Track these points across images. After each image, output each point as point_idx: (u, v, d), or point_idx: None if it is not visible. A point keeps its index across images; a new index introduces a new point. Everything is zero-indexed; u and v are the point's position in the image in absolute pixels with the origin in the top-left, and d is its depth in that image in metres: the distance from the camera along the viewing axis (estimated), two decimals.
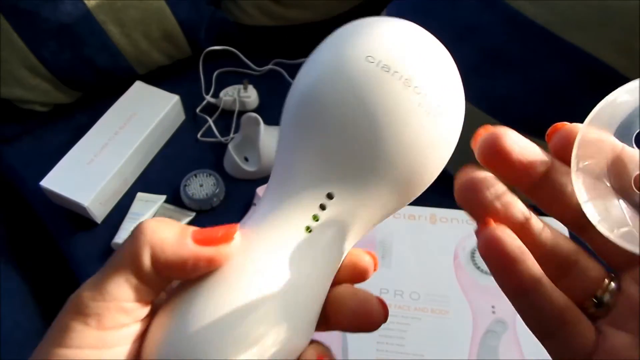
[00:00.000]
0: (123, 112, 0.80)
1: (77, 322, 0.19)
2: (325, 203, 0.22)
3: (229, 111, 0.86)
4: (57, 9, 0.77)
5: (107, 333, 0.20)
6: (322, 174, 0.22)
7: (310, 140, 0.22)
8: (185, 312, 0.20)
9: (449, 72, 0.23)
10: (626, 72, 0.60)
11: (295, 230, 0.22)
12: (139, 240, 0.20)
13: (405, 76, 0.21)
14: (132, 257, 0.20)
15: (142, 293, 0.20)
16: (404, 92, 0.21)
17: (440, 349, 0.55)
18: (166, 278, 0.21)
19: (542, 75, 0.65)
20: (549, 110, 0.68)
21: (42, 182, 0.72)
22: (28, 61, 0.80)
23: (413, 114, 0.21)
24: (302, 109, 0.23)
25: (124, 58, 0.85)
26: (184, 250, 0.20)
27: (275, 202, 0.23)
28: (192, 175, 0.77)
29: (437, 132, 0.22)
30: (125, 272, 0.20)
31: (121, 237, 0.70)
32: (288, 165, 0.23)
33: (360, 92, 0.21)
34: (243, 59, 0.90)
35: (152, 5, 0.83)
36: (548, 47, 0.63)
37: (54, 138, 0.85)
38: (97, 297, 0.20)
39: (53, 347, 0.19)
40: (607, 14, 0.59)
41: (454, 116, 0.23)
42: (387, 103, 0.21)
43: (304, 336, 0.21)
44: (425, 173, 0.23)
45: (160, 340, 0.20)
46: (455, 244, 0.62)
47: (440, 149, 0.23)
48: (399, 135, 0.21)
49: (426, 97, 0.21)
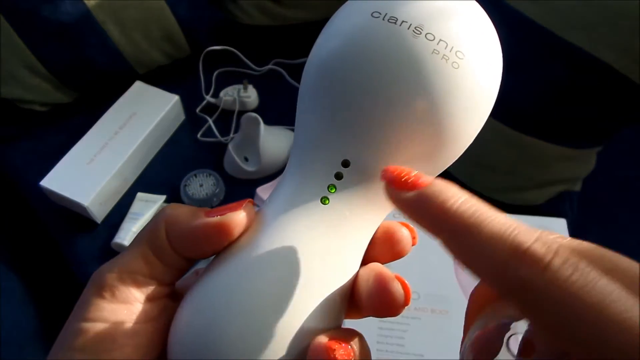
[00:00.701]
0: (123, 112, 0.80)
1: (94, 295, 0.20)
2: (341, 171, 0.21)
3: (229, 111, 0.86)
4: (57, 8, 0.77)
5: (121, 307, 0.20)
6: (332, 141, 0.21)
7: (315, 105, 0.21)
8: (200, 293, 0.20)
9: (468, 16, 0.21)
10: (626, 72, 0.60)
11: (310, 202, 0.21)
12: (157, 217, 0.22)
13: (415, 24, 0.20)
14: (150, 232, 0.21)
15: (157, 269, 0.21)
16: (414, 41, 0.19)
17: (440, 349, 0.55)
18: (181, 254, 0.21)
19: (542, 75, 0.65)
20: (549, 110, 0.68)
21: (42, 182, 0.72)
22: (28, 61, 0.80)
23: (427, 61, 0.19)
24: (311, 75, 0.22)
25: (123, 58, 0.85)
26: (195, 221, 0.21)
27: (290, 175, 0.22)
28: (192, 175, 0.77)
29: (459, 80, 0.20)
30: (142, 246, 0.21)
31: (121, 237, 0.70)
32: (299, 137, 0.22)
33: (368, 47, 0.20)
34: (243, 59, 0.90)
35: (152, 5, 0.82)
36: (548, 47, 0.63)
37: (54, 138, 0.84)
38: (113, 269, 0.20)
39: (72, 321, 0.20)
40: (607, 14, 0.59)
41: (481, 62, 0.20)
42: (397, 54, 0.19)
43: (321, 320, 0.20)
44: (452, 128, 0.20)
45: (181, 322, 0.20)
46: None
47: (467, 100, 0.20)
48: (412, 85, 0.19)
49: (441, 43, 0.20)
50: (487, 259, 0.16)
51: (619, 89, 0.62)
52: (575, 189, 0.80)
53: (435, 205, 0.17)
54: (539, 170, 0.75)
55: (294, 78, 0.91)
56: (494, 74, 0.21)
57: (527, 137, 0.70)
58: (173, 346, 0.20)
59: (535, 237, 0.16)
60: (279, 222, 0.21)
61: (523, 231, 0.16)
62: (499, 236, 0.16)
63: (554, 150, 0.71)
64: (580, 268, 0.15)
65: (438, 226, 0.17)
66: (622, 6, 0.58)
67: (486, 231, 0.16)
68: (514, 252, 0.15)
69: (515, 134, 0.70)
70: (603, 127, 0.71)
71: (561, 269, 0.15)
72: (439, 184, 0.18)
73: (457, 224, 0.17)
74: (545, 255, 0.15)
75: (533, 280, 0.15)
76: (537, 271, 0.15)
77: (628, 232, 0.84)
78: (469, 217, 0.16)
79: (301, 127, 0.22)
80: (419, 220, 0.18)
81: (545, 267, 0.15)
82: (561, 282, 0.14)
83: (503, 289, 0.16)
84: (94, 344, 0.19)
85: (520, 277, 0.15)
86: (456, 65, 0.20)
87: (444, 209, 0.17)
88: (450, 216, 0.17)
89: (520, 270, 0.15)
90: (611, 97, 0.65)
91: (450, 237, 0.17)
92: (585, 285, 0.14)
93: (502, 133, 0.70)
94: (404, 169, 0.19)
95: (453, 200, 0.17)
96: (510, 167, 0.74)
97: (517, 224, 0.16)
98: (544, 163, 0.74)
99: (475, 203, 0.17)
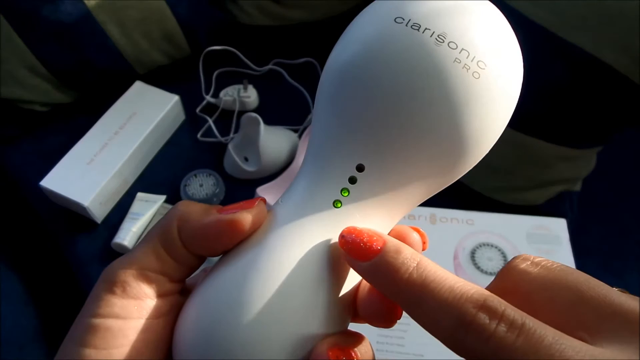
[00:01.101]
0: (123, 112, 0.80)
1: (105, 291, 0.20)
2: (356, 176, 0.21)
3: (229, 111, 0.86)
4: (57, 9, 0.77)
5: (131, 302, 0.20)
6: (348, 145, 0.21)
7: (333, 108, 0.21)
8: (207, 291, 0.20)
9: (491, 25, 0.21)
10: (626, 72, 0.60)
11: (322, 205, 0.21)
12: (170, 213, 0.22)
13: (438, 32, 0.19)
14: (162, 228, 0.21)
15: (168, 266, 0.21)
16: (437, 49, 0.19)
17: (440, 349, 0.55)
18: (193, 251, 0.21)
19: (543, 76, 0.65)
20: (549, 110, 0.68)
21: (42, 182, 0.72)
22: (28, 61, 0.80)
23: (448, 71, 0.19)
24: (330, 78, 0.22)
25: (123, 58, 0.85)
26: (207, 218, 0.21)
27: (304, 176, 0.22)
28: (192, 175, 0.77)
29: (479, 90, 0.20)
30: (154, 242, 0.21)
31: (121, 237, 0.70)
32: (315, 139, 0.22)
33: (389, 53, 0.20)
34: (243, 59, 0.90)
35: (152, 5, 0.82)
36: (548, 47, 0.63)
37: (54, 138, 0.84)
38: (124, 264, 0.21)
39: (83, 316, 0.20)
40: (607, 14, 0.59)
41: (502, 72, 0.20)
42: (418, 61, 0.19)
43: (327, 324, 0.20)
44: (469, 137, 0.20)
45: (188, 317, 0.20)
46: (455, 244, 0.62)
47: (486, 111, 0.20)
48: (432, 93, 0.19)
49: (463, 52, 0.19)
50: (438, 327, 0.17)
51: (619, 90, 0.62)
52: (576, 189, 0.80)
53: (387, 276, 0.18)
54: (539, 170, 0.75)
55: (294, 78, 0.91)
56: (514, 84, 0.21)
57: (527, 137, 0.70)
58: (178, 343, 0.20)
59: (481, 303, 0.16)
60: (289, 224, 0.21)
61: (470, 298, 0.16)
62: (446, 306, 0.16)
63: (554, 150, 0.71)
64: (526, 329, 0.15)
65: (392, 295, 0.18)
66: (622, 6, 0.58)
67: (434, 302, 0.17)
68: (459, 323, 0.16)
69: (516, 134, 0.70)
70: (603, 127, 0.71)
71: (506, 334, 0.15)
72: (389, 251, 0.18)
73: (408, 295, 0.18)
74: (490, 324, 0.16)
75: (480, 349, 0.16)
76: (482, 340, 0.15)
77: (628, 232, 0.84)
78: (419, 287, 0.17)
79: (317, 130, 0.22)
80: (377, 288, 0.19)
81: (489, 337, 0.15)
82: (507, 348, 0.15)
83: (458, 354, 0.16)
84: (105, 340, 0.19)
85: (468, 347, 0.16)
86: (477, 75, 0.20)
87: (395, 280, 0.18)
88: (401, 288, 0.18)
89: (466, 341, 0.16)
90: (611, 97, 0.65)
91: (404, 306, 0.18)
92: (532, 346, 0.15)
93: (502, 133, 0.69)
94: (358, 234, 0.19)
95: (403, 270, 0.18)
96: (510, 167, 0.74)
97: (465, 290, 0.17)
98: (544, 163, 0.74)
99: (425, 269, 0.18)
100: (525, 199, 0.77)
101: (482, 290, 0.17)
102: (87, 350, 0.19)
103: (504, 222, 0.64)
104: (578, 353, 0.15)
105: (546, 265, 0.18)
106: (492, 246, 0.62)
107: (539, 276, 0.18)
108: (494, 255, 0.61)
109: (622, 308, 0.16)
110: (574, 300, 0.17)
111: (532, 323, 0.15)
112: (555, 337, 0.15)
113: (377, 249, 0.19)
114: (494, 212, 0.65)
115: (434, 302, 0.17)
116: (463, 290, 0.16)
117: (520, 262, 0.19)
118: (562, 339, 0.15)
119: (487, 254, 0.61)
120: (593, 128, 0.70)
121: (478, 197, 0.77)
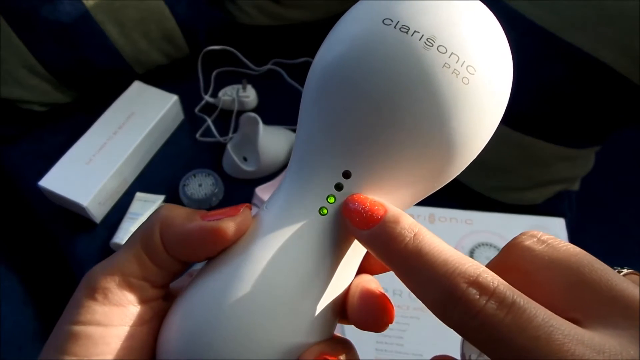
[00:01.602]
0: (122, 112, 0.79)
1: (86, 298, 0.19)
2: (342, 182, 0.20)
3: (228, 111, 0.86)
4: (55, 9, 0.77)
5: (113, 309, 0.19)
6: (334, 150, 0.20)
7: (318, 111, 0.21)
8: (191, 299, 0.20)
9: (482, 29, 0.20)
10: (626, 72, 0.60)
11: (307, 212, 0.20)
12: (152, 218, 0.21)
13: (427, 35, 0.19)
14: (143, 233, 0.21)
15: (150, 272, 0.20)
16: (426, 53, 0.19)
17: (440, 349, 0.55)
18: (175, 257, 0.21)
19: (542, 76, 0.65)
20: (548, 110, 0.68)
21: (41, 182, 0.72)
22: (27, 61, 0.80)
23: (436, 76, 0.19)
24: (315, 79, 0.21)
25: (122, 58, 0.85)
26: (190, 224, 0.20)
27: (289, 182, 0.22)
28: (191, 175, 0.77)
29: (467, 96, 0.19)
30: (136, 247, 0.20)
31: (120, 237, 0.70)
32: (300, 144, 0.22)
33: (376, 55, 0.19)
34: (242, 58, 0.90)
35: (150, 5, 0.82)
36: (547, 47, 0.63)
37: (53, 138, 0.84)
38: (106, 270, 0.20)
39: (63, 323, 0.19)
40: (607, 14, 0.59)
41: (491, 78, 0.20)
42: (406, 65, 0.19)
43: (312, 332, 0.20)
44: (457, 142, 0.20)
45: (171, 327, 0.20)
46: (454, 243, 0.62)
47: (475, 116, 0.20)
48: (419, 99, 0.19)
49: (452, 56, 0.19)
50: (429, 298, 0.17)
51: (618, 90, 0.62)
52: (574, 189, 0.80)
53: (385, 244, 0.18)
54: (537, 169, 0.75)
55: (293, 78, 0.91)
56: (504, 89, 0.21)
57: (526, 136, 0.70)
58: (161, 354, 0.20)
59: (473, 278, 0.16)
60: (274, 231, 0.20)
61: (463, 272, 0.16)
62: (438, 278, 0.16)
63: (553, 150, 0.71)
64: (517, 307, 0.15)
65: (388, 263, 0.19)
66: (621, 6, 0.58)
67: (427, 272, 0.17)
68: (449, 297, 0.16)
69: (514, 134, 0.70)
70: (602, 127, 0.71)
71: (495, 312, 0.15)
72: (389, 220, 0.19)
73: (402, 264, 0.18)
74: (480, 299, 0.16)
75: (468, 323, 0.16)
76: (471, 315, 0.15)
77: (626, 231, 0.84)
78: (413, 257, 0.17)
79: (302, 133, 0.22)
80: (375, 256, 0.19)
81: (479, 312, 0.15)
82: (496, 324, 0.15)
83: (448, 326, 0.16)
84: (86, 347, 0.19)
85: (456, 320, 0.16)
86: (466, 81, 0.19)
87: (391, 248, 0.18)
88: (396, 256, 0.18)
89: (455, 314, 0.16)
90: (610, 97, 0.65)
91: (398, 275, 0.18)
92: (520, 325, 0.15)
93: (501, 133, 0.69)
94: (360, 202, 0.19)
95: (399, 239, 0.18)
96: (509, 166, 0.74)
97: (459, 263, 0.16)
98: (542, 163, 0.74)
99: (422, 241, 0.18)
100: (523, 198, 0.77)
101: (478, 266, 0.17)
102: (67, 358, 0.19)
103: (503, 222, 0.64)
104: (566, 336, 0.15)
105: (552, 244, 0.18)
106: (491, 246, 0.62)
107: (542, 254, 0.18)
108: (493, 255, 0.61)
109: (622, 294, 0.16)
110: (573, 281, 0.17)
111: (523, 302, 0.15)
112: (546, 318, 0.15)
113: (378, 218, 0.19)
114: (492, 212, 0.65)
115: (427, 274, 0.17)
116: (457, 264, 0.16)
117: (526, 239, 0.18)
118: (552, 320, 0.15)
119: (485, 253, 0.62)
120: (592, 128, 0.71)
121: (477, 196, 0.77)
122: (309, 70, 0.22)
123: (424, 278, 0.17)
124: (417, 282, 0.17)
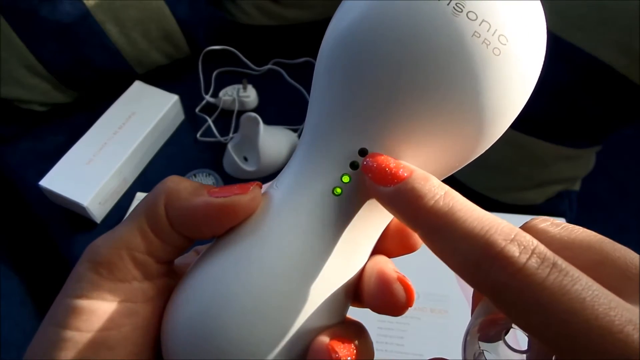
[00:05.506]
0: (122, 112, 0.79)
1: (90, 271, 0.19)
2: (358, 161, 0.19)
3: (228, 111, 0.86)
4: (56, 8, 0.77)
5: (118, 285, 0.19)
6: (350, 126, 0.19)
7: (332, 84, 0.19)
8: (197, 279, 0.19)
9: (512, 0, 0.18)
10: (626, 72, 0.60)
11: (320, 192, 0.19)
12: (157, 189, 0.20)
13: (456, 0, 0.17)
14: (148, 205, 0.20)
15: (155, 246, 0.19)
16: (454, 20, 0.17)
17: (440, 348, 0.55)
18: (180, 232, 0.20)
19: (542, 75, 0.65)
20: (548, 110, 0.68)
21: (41, 182, 0.72)
22: (27, 61, 0.80)
23: (465, 46, 0.17)
24: (329, 49, 0.19)
25: (123, 58, 0.85)
26: (197, 199, 0.19)
27: (302, 159, 0.20)
28: (192, 175, 0.77)
29: (497, 69, 0.18)
30: (140, 220, 0.19)
31: None
32: (312, 119, 0.20)
33: (398, 20, 0.17)
34: (242, 58, 0.90)
35: (151, 4, 0.82)
36: (548, 47, 0.63)
37: (53, 138, 0.84)
38: (110, 243, 0.19)
39: (65, 297, 0.19)
40: (607, 14, 0.59)
41: (524, 50, 0.18)
42: (431, 33, 0.17)
43: (324, 315, 0.19)
44: (483, 120, 0.18)
45: (176, 307, 0.19)
46: None
47: (503, 91, 0.18)
48: (445, 71, 0.17)
49: (483, 24, 0.17)
50: (460, 258, 0.15)
51: (618, 90, 0.62)
52: (575, 189, 0.80)
53: (412, 202, 0.17)
54: (538, 169, 0.75)
55: (294, 78, 0.91)
56: (536, 64, 0.19)
57: (526, 136, 0.70)
58: (167, 335, 0.19)
59: (511, 237, 0.15)
60: (286, 210, 0.19)
61: (499, 230, 0.15)
62: (472, 236, 0.15)
63: (553, 150, 0.71)
64: (558, 269, 0.14)
65: (414, 222, 0.17)
66: (622, 6, 0.58)
67: (460, 230, 0.16)
68: (486, 253, 0.15)
69: (515, 134, 0.70)
70: (602, 127, 0.71)
71: (537, 271, 0.14)
72: (417, 178, 0.17)
73: (432, 222, 0.16)
74: (520, 257, 0.14)
75: (506, 283, 0.14)
76: (510, 274, 0.14)
77: (627, 231, 0.84)
78: (443, 214, 0.16)
79: (315, 110, 0.20)
80: (396, 215, 0.18)
81: (519, 270, 0.14)
82: (536, 285, 0.14)
83: (477, 288, 0.15)
84: (90, 322, 0.18)
85: (492, 279, 0.15)
86: (497, 52, 0.17)
87: (419, 205, 0.17)
88: (425, 213, 0.16)
89: (491, 272, 0.15)
90: (611, 97, 0.65)
91: (425, 234, 0.17)
92: (563, 287, 0.14)
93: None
94: (385, 159, 0.18)
95: (429, 196, 0.17)
96: (510, 166, 0.74)
97: (494, 222, 0.16)
98: (543, 163, 0.74)
99: (453, 199, 0.17)
100: (524, 198, 0.77)
101: (513, 226, 0.16)
102: (69, 332, 0.18)
103: None
104: (611, 301, 0.14)
105: (567, 227, 0.17)
106: None
107: (560, 235, 0.17)
108: None
109: None
110: (598, 259, 0.16)
111: (564, 264, 0.14)
112: (589, 282, 0.14)
113: (404, 176, 0.17)
114: (493, 212, 0.65)
115: (459, 231, 0.15)
116: (493, 222, 0.15)
117: (539, 222, 0.18)
118: (594, 284, 0.14)
119: None
120: (592, 128, 0.71)
121: (477, 196, 0.77)
122: (323, 40, 0.20)
123: (455, 235, 0.16)
124: (446, 240, 0.16)
